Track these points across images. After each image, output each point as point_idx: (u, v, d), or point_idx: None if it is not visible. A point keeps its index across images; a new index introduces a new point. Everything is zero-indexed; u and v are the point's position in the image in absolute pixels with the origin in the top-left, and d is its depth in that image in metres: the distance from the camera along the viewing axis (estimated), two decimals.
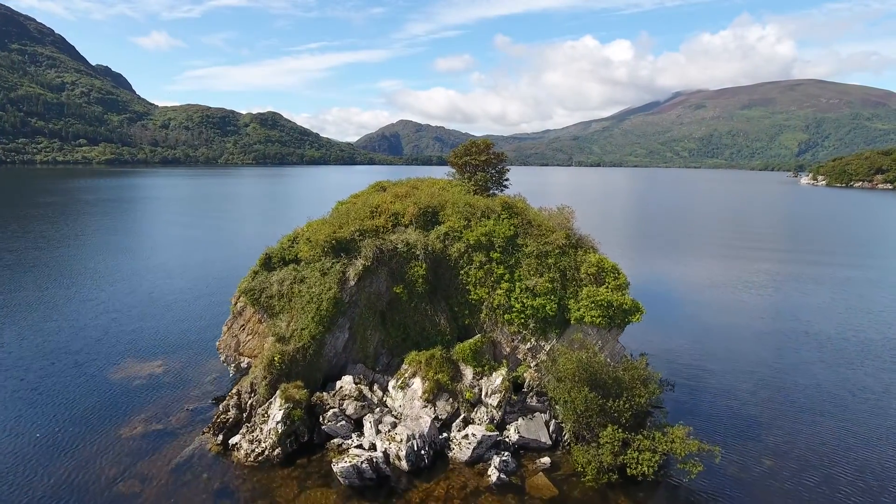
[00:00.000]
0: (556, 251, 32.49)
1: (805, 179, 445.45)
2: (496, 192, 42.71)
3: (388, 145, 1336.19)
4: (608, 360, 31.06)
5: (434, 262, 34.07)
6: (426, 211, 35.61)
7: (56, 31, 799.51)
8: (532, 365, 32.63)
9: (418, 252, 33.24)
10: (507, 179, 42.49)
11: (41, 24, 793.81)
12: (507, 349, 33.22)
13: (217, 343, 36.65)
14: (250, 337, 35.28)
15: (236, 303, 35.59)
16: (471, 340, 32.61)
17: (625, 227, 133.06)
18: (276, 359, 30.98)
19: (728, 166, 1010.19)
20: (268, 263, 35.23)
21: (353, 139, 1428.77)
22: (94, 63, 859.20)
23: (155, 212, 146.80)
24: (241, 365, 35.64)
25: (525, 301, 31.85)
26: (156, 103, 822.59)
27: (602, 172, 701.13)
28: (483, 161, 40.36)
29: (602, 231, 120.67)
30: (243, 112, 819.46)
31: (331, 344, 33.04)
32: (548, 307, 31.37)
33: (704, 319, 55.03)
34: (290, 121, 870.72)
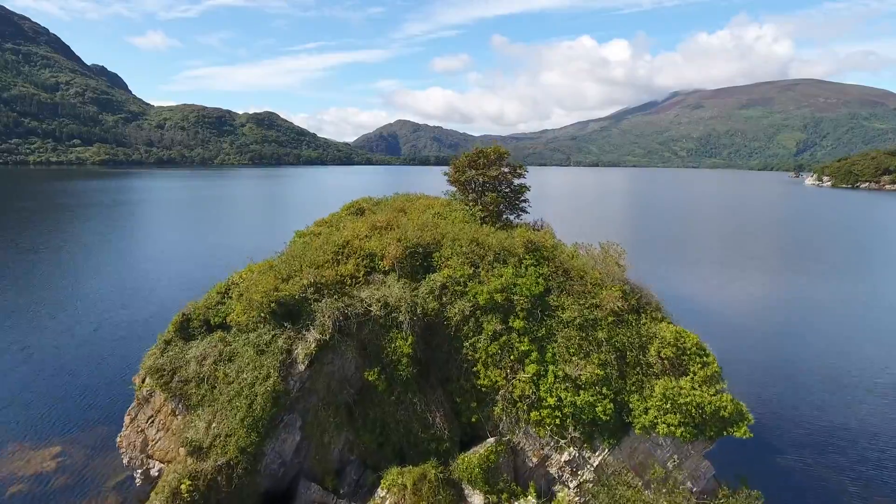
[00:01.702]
0: (610, 319, 21.74)
1: (809, 180, 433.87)
2: (510, 216, 32.01)
3: (386, 145, 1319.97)
4: (690, 484, 20.42)
5: (426, 330, 23.34)
6: (414, 252, 24.85)
7: (51, 31, 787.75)
8: (572, 486, 21.95)
9: (402, 317, 22.49)
10: (525, 201, 31.62)
11: (36, 23, 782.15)
12: (535, 460, 22.49)
13: (118, 438, 25.87)
14: (161, 434, 24.51)
15: (141, 385, 24.86)
16: (480, 450, 21.90)
17: (641, 235, 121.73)
18: (183, 487, 20.27)
19: (726, 166, 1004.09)
20: (185, 329, 24.46)
21: (350, 139, 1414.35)
22: (89, 63, 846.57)
23: (132, 220, 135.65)
24: (151, 472, 24.85)
25: (563, 395, 21.12)
26: (152, 103, 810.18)
27: (601, 173, 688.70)
28: (494, 177, 29.47)
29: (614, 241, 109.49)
30: (240, 112, 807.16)
31: (274, 451, 22.31)
32: (598, 407, 20.63)
33: (773, 363, 44.15)
34: (286, 121, 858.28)
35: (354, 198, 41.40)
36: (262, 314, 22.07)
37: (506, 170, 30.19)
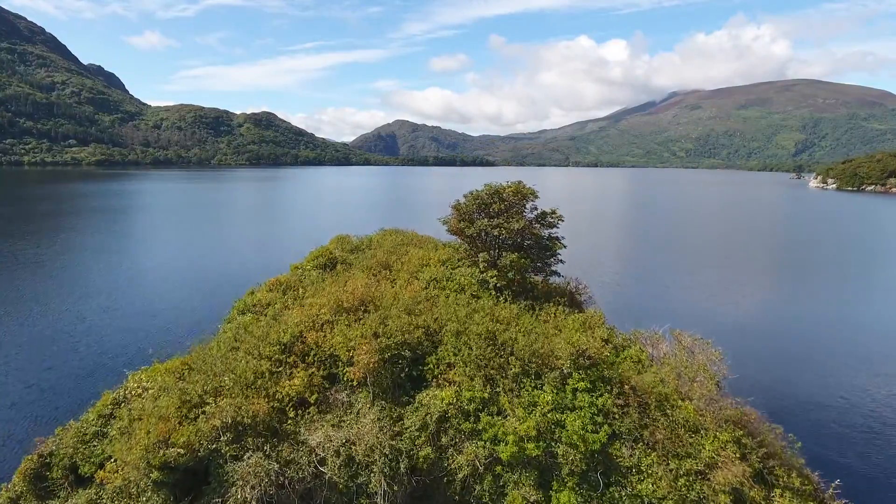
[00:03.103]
0: (724, 493, 13.12)
1: (813, 182, 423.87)
2: (536, 273, 23.26)
3: (384, 145, 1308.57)
4: None
5: (414, 496, 14.71)
6: (398, 355, 16.17)
7: (47, 31, 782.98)
8: None
9: (376, 481, 13.84)
10: (555, 256, 22.69)
11: (32, 22, 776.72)
12: None
13: None
14: None
15: None
16: None
17: (647, 240, 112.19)
18: None
19: (725, 166, 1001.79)
20: (41, 480, 15.77)
21: (349, 139, 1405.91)
22: (86, 62, 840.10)
23: (106, 236, 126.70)
24: None
25: None
26: (149, 103, 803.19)
27: (601, 173, 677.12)
28: (517, 231, 20.58)
29: (633, 256, 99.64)
30: (237, 112, 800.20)
31: None
32: None
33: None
34: (284, 121, 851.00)
35: (353, 199, 32.92)
36: (146, 482, 13.41)
37: (531, 216, 21.40)
